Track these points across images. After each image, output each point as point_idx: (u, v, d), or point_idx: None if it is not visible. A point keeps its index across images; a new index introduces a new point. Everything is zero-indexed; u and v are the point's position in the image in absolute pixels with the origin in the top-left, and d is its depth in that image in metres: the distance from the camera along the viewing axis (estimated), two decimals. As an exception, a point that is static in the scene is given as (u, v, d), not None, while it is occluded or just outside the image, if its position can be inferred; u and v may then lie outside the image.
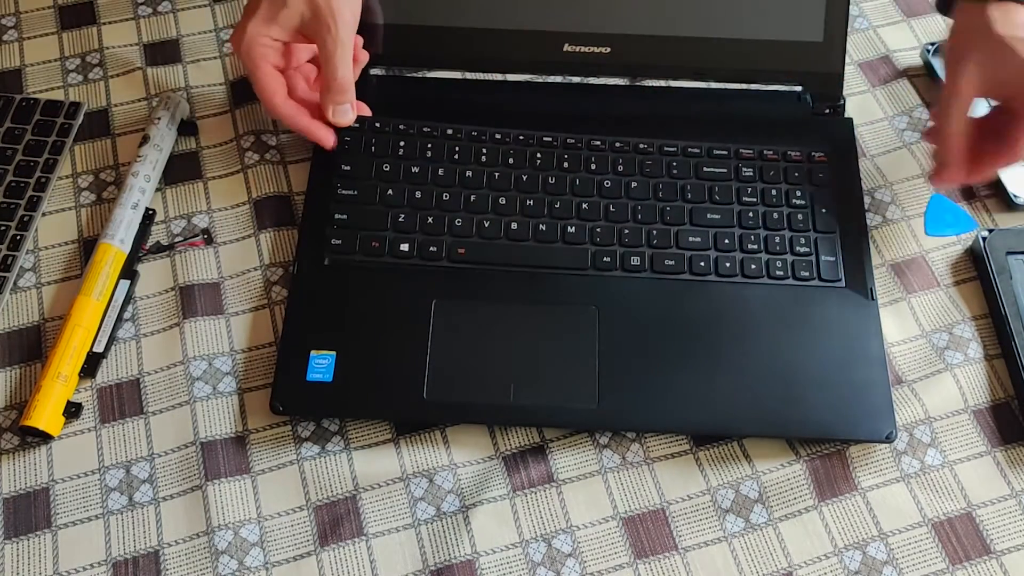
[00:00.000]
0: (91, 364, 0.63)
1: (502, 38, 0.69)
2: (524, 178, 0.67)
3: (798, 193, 0.67)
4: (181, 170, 0.72)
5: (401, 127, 0.68)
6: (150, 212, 0.69)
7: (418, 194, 0.66)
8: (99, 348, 0.64)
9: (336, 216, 0.66)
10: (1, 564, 0.58)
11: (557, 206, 0.66)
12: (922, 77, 0.76)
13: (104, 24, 0.78)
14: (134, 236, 0.67)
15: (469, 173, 0.67)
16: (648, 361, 0.62)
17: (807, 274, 0.64)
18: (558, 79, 0.74)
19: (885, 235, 0.69)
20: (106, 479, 0.60)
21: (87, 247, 0.68)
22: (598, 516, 0.59)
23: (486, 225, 0.65)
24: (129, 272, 0.66)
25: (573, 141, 0.68)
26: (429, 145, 0.68)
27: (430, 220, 0.66)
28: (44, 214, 0.70)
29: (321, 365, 0.61)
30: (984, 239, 0.66)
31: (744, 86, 0.72)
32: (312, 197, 0.68)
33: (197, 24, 0.79)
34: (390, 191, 0.66)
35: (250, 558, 0.58)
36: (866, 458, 0.61)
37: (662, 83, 0.75)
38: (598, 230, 0.66)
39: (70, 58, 0.77)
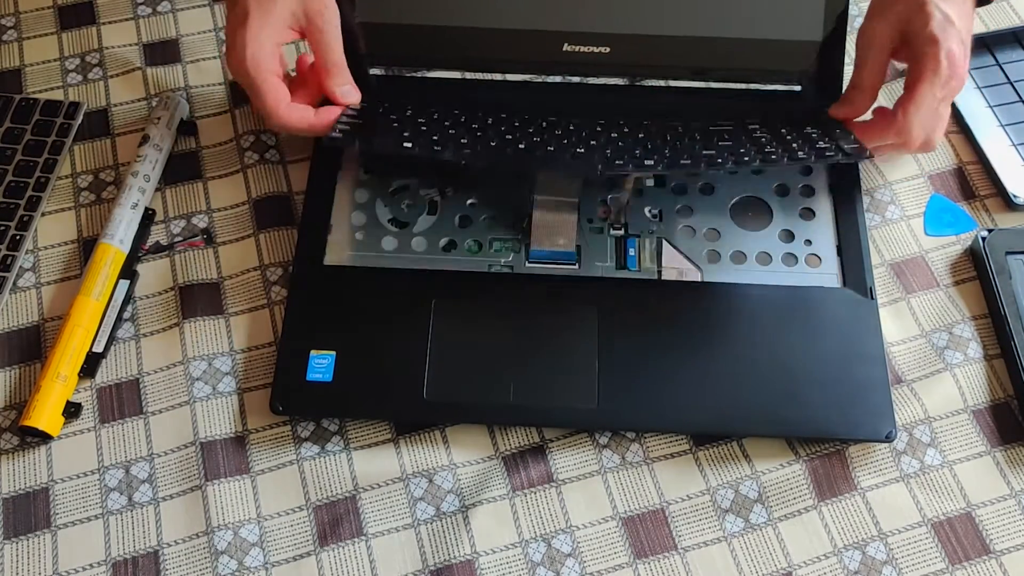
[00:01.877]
0: (91, 364, 0.63)
1: (501, 38, 0.69)
2: (530, 130, 0.66)
3: (808, 130, 0.66)
4: (181, 170, 0.72)
5: (407, 106, 0.68)
6: (150, 212, 0.69)
7: (421, 120, 0.66)
8: (99, 348, 0.64)
9: (339, 125, 0.64)
10: (1, 564, 0.58)
11: (565, 142, 0.65)
12: (922, 77, 0.76)
13: (104, 24, 0.78)
14: (133, 236, 0.67)
15: (475, 125, 0.66)
16: (647, 361, 0.62)
17: (831, 154, 0.62)
18: (557, 79, 0.74)
19: (884, 235, 0.69)
20: (106, 479, 0.60)
21: (87, 247, 0.68)
22: (598, 516, 0.59)
23: (492, 144, 0.64)
24: (129, 272, 0.66)
25: (577, 124, 0.67)
26: (435, 112, 0.67)
27: (435, 137, 0.64)
28: (44, 214, 0.70)
29: (321, 365, 0.61)
30: (984, 239, 0.66)
31: (743, 86, 0.72)
32: (312, 197, 0.68)
33: (196, 24, 0.79)
34: (394, 115, 0.66)
35: (250, 558, 0.58)
36: (865, 458, 0.61)
37: (661, 83, 0.75)
38: (608, 151, 0.64)
39: (69, 58, 0.77)
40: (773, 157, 0.62)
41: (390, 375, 0.61)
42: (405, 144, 0.63)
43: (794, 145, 0.64)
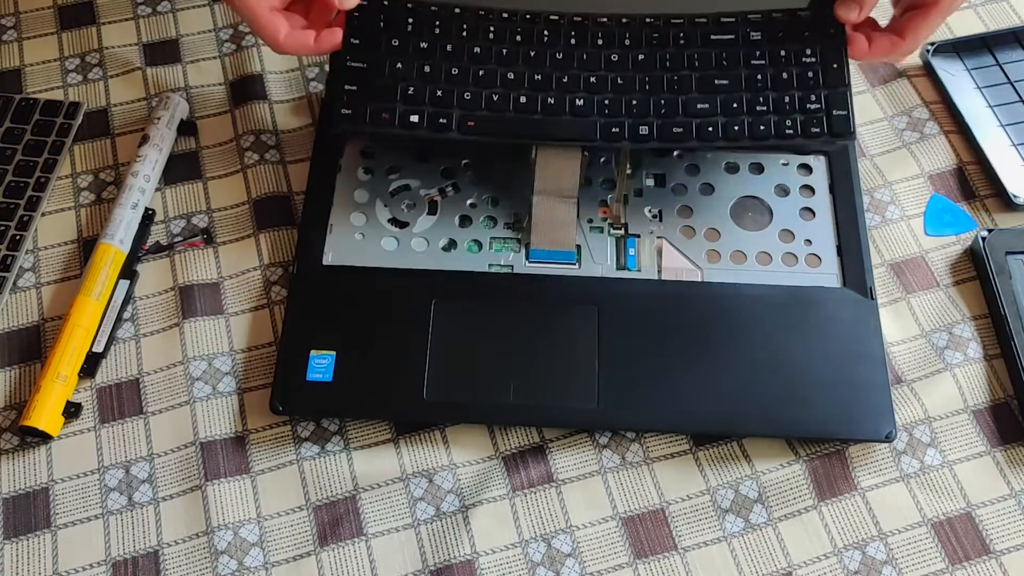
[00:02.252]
0: (91, 364, 0.63)
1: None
2: (532, 54, 0.65)
3: (807, 51, 0.65)
4: (181, 170, 0.71)
5: (409, 5, 0.67)
6: (149, 212, 0.69)
7: (427, 68, 0.65)
8: (99, 348, 0.63)
9: (346, 87, 0.64)
10: (1, 564, 0.58)
11: (565, 80, 0.64)
12: (922, 77, 0.75)
13: (104, 24, 0.78)
14: (133, 236, 0.67)
15: (477, 49, 0.65)
16: (647, 361, 0.61)
17: (818, 130, 0.63)
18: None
19: (884, 235, 0.69)
20: (105, 479, 0.60)
21: (86, 247, 0.68)
22: (598, 516, 0.59)
23: (495, 99, 0.64)
24: (128, 272, 0.66)
25: (580, 19, 0.67)
26: (437, 23, 0.66)
27: (439, 93, 0.64)
28: (43, 214, 0.70)
29: (321, 365, 0.61)
30: (984, 239, 0.66)
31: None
32: (311, 197, 0.68)
33: (196, 24, 0.78)
34: (399, 64, 0.65)
35: (250, 558, 0.58)
36: (865, 458, 0.61)
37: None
38: (606, 102, 0.64)
39: (69, 58, 0.77)
40: (762, 128, 0.63)
41: (390, 375, 0.61)
42: (411, 118, 0.63)
43: (785, 98, 0.63)
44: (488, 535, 0.58)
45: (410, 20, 0.66)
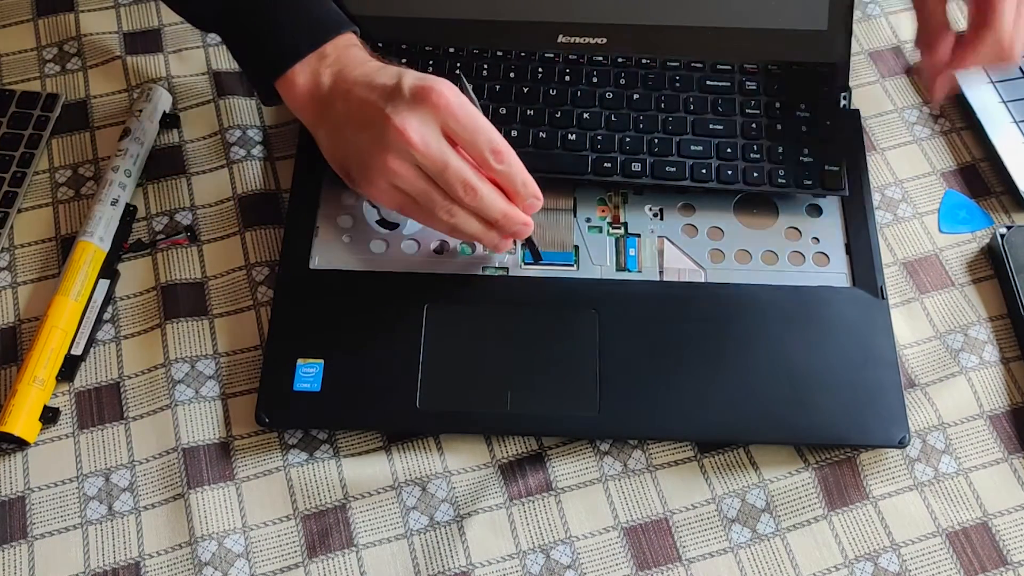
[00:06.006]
0: (69, 367, 0.62)
1: (494, 30, 0.69)
2: (525, 90, 0.68)
3: (802, 105, 0.67)
4: (163, 165, 0.70)
5: (404, 46, 0.68)
6: (131, 208, 0.68)
7: None
8: (77, 351, 0.62)
9: None
10: (-27, 578, 0.57)
11: (558, 116, 0.67)
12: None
13: (82, 12, 0.77)
14: (114, 233, 0.66)
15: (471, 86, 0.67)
16: (650, 366, 0.60)
17: (810, 183, 0.65)
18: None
19: (897, 233, 0.68)
20: (84, 487, 0.59)
21: (65, 245, 0.67)
22: (598, 526, 0.58)
23: None
24: (109, 271, 0.65)
25: (575, 57, 0.69)
26: (431, 61, 0.68)
27: None
28: (20, 210, 0.68)
29: (308, 374, 0.60)
30: (1003, 236, 0.65)
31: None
32: (296, 199, 0.67)
33: (180, 12, 0.77)
34: None
35: (235, 570, 0.57)
36: (877, 465, 0.60)
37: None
38: (599, 138, 0.66)
39: (47, 47, 0.75)
40: (756, 175, 0.65)
41: (381, 384, 0.60)
42: None
43: (779, 148, 0.65)
44: (484, 546, 0.57)
45: (403, 61, 0.66)
